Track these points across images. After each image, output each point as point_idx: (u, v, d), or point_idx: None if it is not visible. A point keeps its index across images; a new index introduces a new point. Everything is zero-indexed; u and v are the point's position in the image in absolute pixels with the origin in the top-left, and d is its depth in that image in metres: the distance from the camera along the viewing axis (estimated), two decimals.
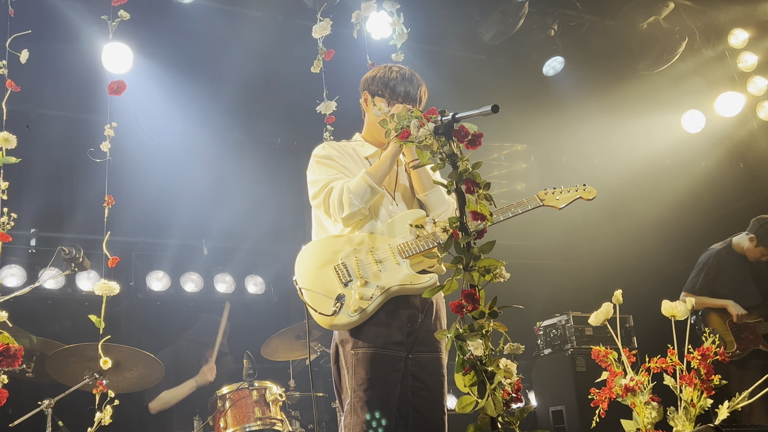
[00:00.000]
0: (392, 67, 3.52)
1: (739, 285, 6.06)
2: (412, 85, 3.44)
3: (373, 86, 3.49)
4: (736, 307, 5.89)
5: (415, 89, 3.44)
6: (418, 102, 3.45)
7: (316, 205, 3.38)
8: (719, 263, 6.14)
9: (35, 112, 6.62)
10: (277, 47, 6.44)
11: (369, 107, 3.52)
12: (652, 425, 3.17)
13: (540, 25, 6.91)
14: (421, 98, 3.48)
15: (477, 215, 2.32)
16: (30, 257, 6.39)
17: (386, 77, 3.46)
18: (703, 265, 6.18)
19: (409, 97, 3.41)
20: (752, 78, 7.57)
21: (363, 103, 3.57)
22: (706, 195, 7.74)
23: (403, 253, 3.22)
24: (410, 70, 3.53)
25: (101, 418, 3.53)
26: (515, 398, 2.29)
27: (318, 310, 3.13)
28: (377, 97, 3.45)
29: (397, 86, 3.42)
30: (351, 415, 3.10)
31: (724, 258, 6.16)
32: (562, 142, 8.17)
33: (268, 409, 5.30)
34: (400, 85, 3.42)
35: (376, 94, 3.47)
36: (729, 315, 5.91)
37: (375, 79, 3.50)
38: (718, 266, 6.12)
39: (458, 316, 2.29)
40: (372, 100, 3.49)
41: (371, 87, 3.50)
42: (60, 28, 5.63)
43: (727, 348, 5.79)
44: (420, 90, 3.46)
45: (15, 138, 3.49)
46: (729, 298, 5.98)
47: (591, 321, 3.59)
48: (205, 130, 7.01)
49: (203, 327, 6.28)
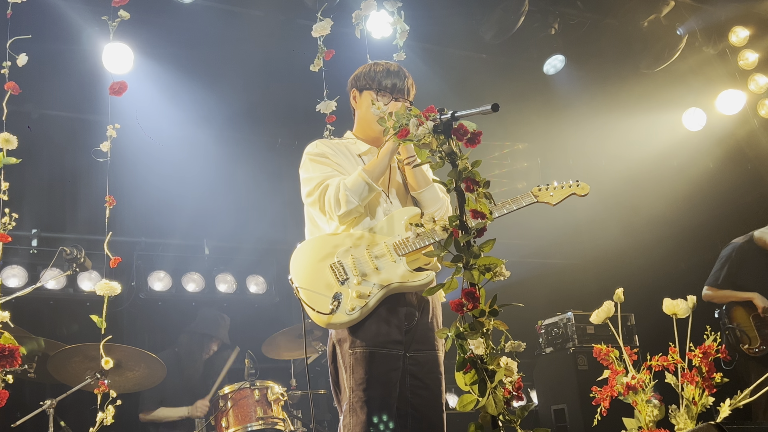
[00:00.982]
0: (377, 62, 3.52)
1: (763, 278, 5.92)
2: (399, 77, 3.43)
3: (360, 82, 3.49)
4: (762, 299, 5.74)
5: (402, 81, 3.43)
6: (406, 93, 3.44)
7: (310, 203, 3.35)
8: (742, 257, 6.02)
9: (36, 112, 6.64)
10: (278, 47, 6.44)
11: (359, 104, 3.52)
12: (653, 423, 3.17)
13: (541, 24, 6.91)
14: (409, 90, 3.47)
15: (477, 213, 2.32)
16: (31, 258, 6.40)
17: (372, 71, 3.46)
18: (726, 258, 6.06)
19: (396, 89, 3.41)
20: (753, 75, 7.56)
21: (352, 101, 3.57)
22: (707, 193, 7.73)
23: (399, 250, 3.20)
24: (396, 64, 3.53)
25: (103, 418, 3.54)
26: (516, 396, 2.29)
27: (315, 309, 3.11)
28: (366, 91, 3.46)
29: (383, 79, 3.42)
30: (350, 415, 3.09)
31: (746, 251, 6.03)
32: (562, 140, 8.17)
33: (270, 408, 5.30)
34: (386, 78, 3.42)
35: (363, 88, 3.47)
36: (754, 308, 5.75)
37: (361, 75, 3.50)
38: (740, 260, 6.00)
39: (457, 315, 2.29)
40: (361, 97, 3.49)
41: (358, 83, 3.50)
42: (61, 28, 5.64)
43: (751, 344, 5.69)
44: (407, 81, 3.45)
45: (15, 139, 3.48)
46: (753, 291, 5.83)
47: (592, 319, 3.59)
48: (206, 129, 7.01)
49: (203, 320, 6.31)
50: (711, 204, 7.88)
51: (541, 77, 7.36)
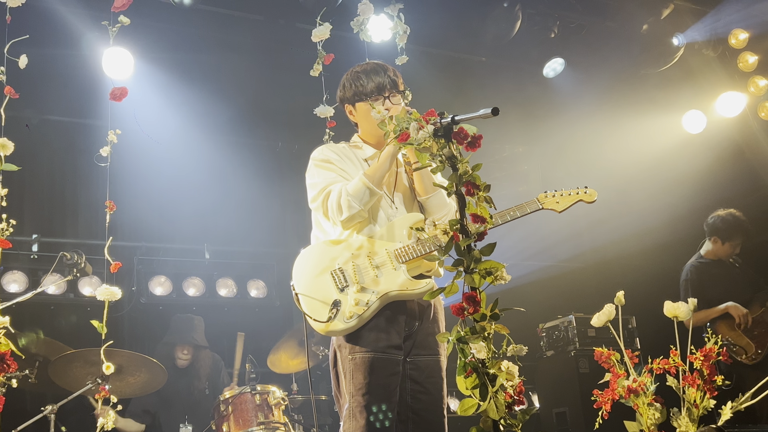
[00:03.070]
0: (353, 70, 3.49)
1: (728, 287, 5.95)
2: (379, 74, 3.41)
3: (348, 97, 3.47)
4: (737, 307, 5.77)
5: (383, 75, 3.40)
6: (395, 85, 3.41)
7: (315, 208, 3.36)
8: (699, 275, 6.03)
9: (36, 117, 6.63)
10: (278, 51, 6.44)
11: (357, 116, 3.49)
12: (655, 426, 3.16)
13: (540, 27, 6.90)
14: (395, 80, 3.43)
15: (477, 218, 2.32)
16: (32, 263, 6.40)
17: (354, 82, 3.43)
18: (685, 282, 6.06)
19: (383, 86, 3.39)
20: (753, 78, 7.56)
21: (350, 117, 3.55)
22: (707, 195, 7.72)
23: (400, 258, 3.21)
24: (372, 62, 3.51)
25: (104, 423, 3.53)
26: (517, 401, 2.29)
27: (313, 317, 3.12)
28: (358, 103, 3.43)
29: (366, 84, 3.39)
30: (350, 420, 3.09)
31: (701, 269, 6.06)
32: (562, 143, 8.16)
33: (271, 412, 5.30)
34: (368, 81, 3.39)
35: (355, 101, 3.44)
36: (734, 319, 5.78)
37: (346, 89, 3.48)
38: (699, 278, 6.01)
39: (457, 319, 2.29)
40: (356, 109, 3.46)
41: (347, 98, 3.48)
42: (61, 33, 5.63)
43: (747, 352, 5.69)
44: (388, 73, 3.42)
45: (12, 144, 3.48)
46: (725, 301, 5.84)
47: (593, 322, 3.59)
48: (206, 134, 7.01)
49: (175, 328, 6.24)
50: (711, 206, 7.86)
51: (541, 80, 7.36)
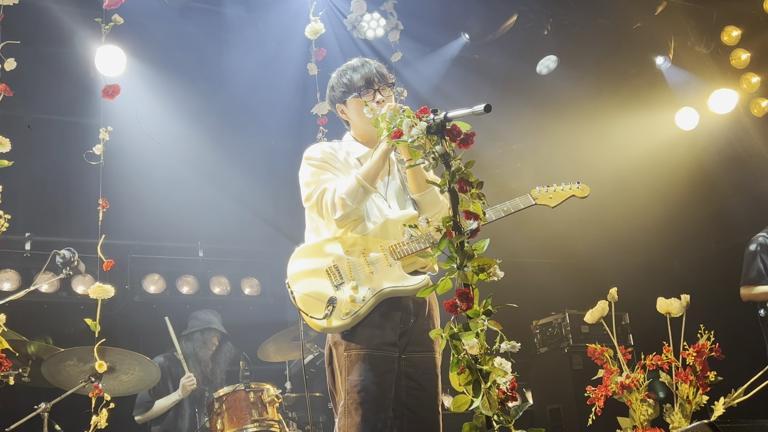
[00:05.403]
0: (339, 69, 3.50)
1: None
2: (365, 68, 3.41)
3: (338, 96, 3.46)
4: None
5: (371, 70, 3.40)
6: (382, 78, 3.41)
7: (309, 207, 3.36)
8: None
9: (29, 116, 6.60)
10: (272, 48, 6.43)
11: (349, 114, 3.48)
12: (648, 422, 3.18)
13: (533, 24, 6.91)
14: (383, 73, 3.43)
15: (470, 214, 2.32)
16: (25, 261, 6.38)
17: (341, 80, 3.44)
18: (753, 254, 5.66)
19: (371, 79, 3.38)
20: (745, 75, 7.59)
21: (341, 116, 3.54)
22: (700, 192, 7.75)
23: (395, 254, 3.22)
24: (357, 58, 3.50)
25: (97, 421, 3.53)
26: (511, 397, 2.29)
27: (309, 314, 3.12)
28: (349, 100, 3.42)
29: (353, 80, 3.39)
30: (345, 416, 3.09)
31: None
32: (555, 140, 8.17)
33: (265, 410, 5.30)
34: (356, 77, 3.39)
35: (345, 98, 3.44)
36: None
37: (334, 90, 3.48)
38: None
39: (452, 316, 2.29)
40: (347, 107, 3.45)
41: (338, 98, 3.47)
42: (53, 31, 5.62)
43: None
44: (373, 67, 3.42)
45: (9, 141, 3.48)
46: None
47: (587, 319, 3.60)
48: (199, 131, 7.00)
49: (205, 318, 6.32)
50: (704, 203, 7.90)
51: (534, 77, 7.36)
